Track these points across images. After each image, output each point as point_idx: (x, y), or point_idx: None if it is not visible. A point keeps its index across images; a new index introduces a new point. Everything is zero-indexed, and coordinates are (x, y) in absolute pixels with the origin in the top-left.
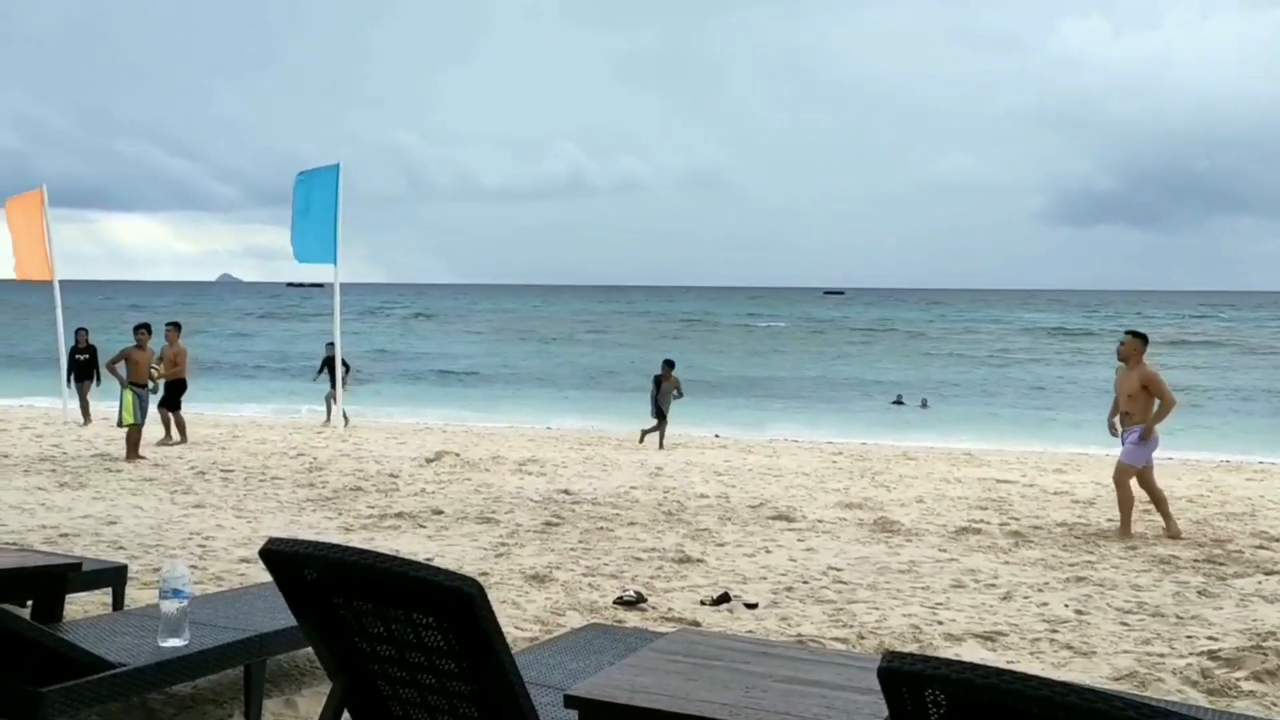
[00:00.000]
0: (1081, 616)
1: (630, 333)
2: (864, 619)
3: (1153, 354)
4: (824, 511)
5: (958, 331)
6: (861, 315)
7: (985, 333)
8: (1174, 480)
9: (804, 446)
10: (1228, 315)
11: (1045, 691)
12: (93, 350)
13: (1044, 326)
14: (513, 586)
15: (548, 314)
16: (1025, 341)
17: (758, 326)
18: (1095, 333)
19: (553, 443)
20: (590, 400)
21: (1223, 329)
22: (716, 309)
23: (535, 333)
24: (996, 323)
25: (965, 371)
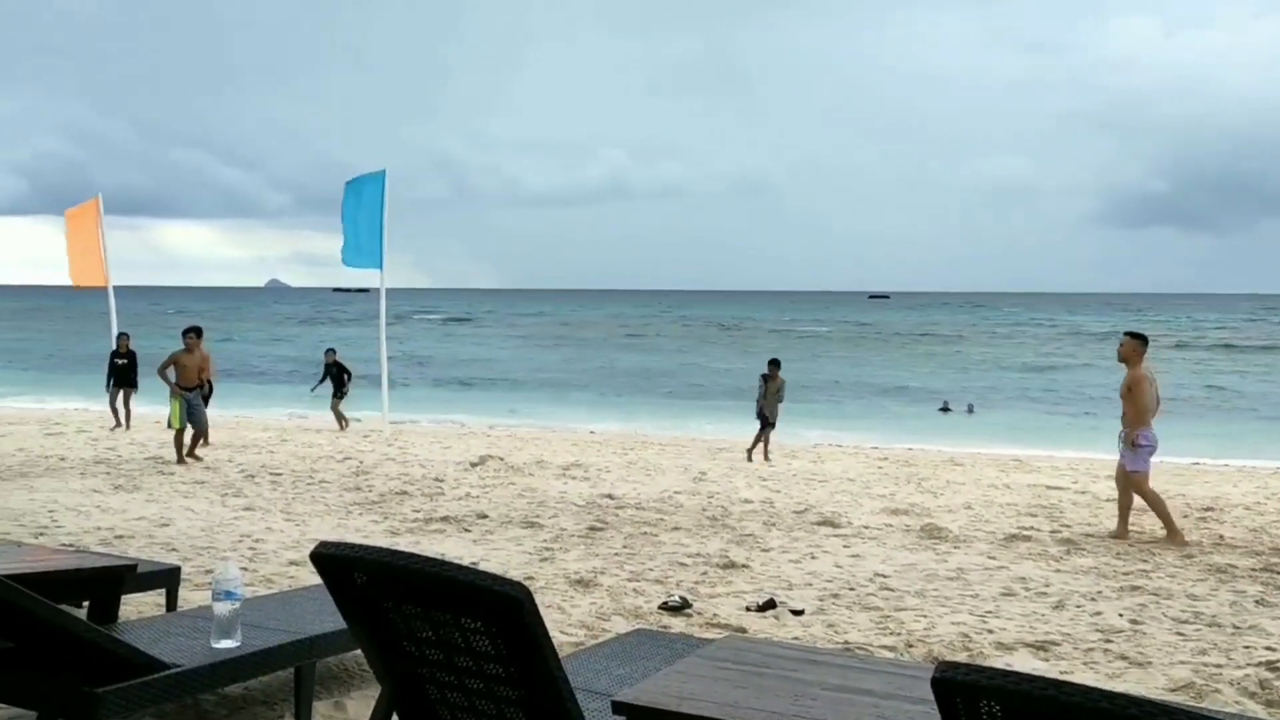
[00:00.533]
0: (1136, 626)
1: (670, 337)
2: (912, 627)
3: (1206, 360)
4: (870, 517)
5: (1004, 336)
6: (906, 320)
7: (1033, 337)
8: (1230, 487)
9: (849, 452)
10: None
11: (1105, 704)
12: (132, 356)
13: (1093, 331)
14: (557, 591)
15: (589, 318)
16: (1073, 346)
17: (800, 331)
18: None
19: (596, 447)
20: (632, 404)
21: (1276, 332)
22: (757, 313)
23: (577, 337)
24: (1044, 327)
25: (1012, 377)
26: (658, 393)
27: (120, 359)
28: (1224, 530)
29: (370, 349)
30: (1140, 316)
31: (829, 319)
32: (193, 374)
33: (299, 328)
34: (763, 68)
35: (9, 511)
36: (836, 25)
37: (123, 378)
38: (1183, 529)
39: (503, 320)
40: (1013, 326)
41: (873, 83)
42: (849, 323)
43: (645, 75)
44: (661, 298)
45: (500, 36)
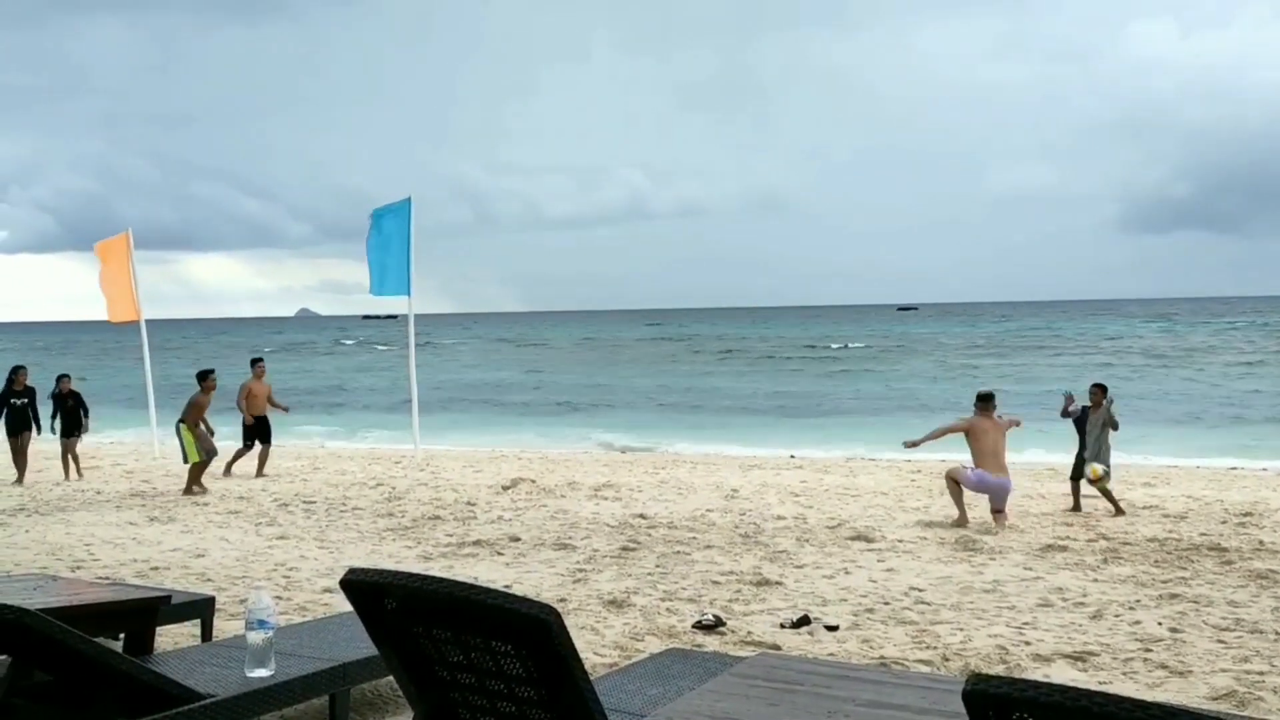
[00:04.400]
0: (1176, 635)
1: (695, 356)
2: (948, 640)
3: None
4: (904, 531)
5: (1033, 344)
6: (933, 330)
7: (1062, 345)
8: (1269, 492)
9: (881, 465)
10: None
11: (1140, 714)
12: (31, 393)
13: (1125, 337)
14: (591, 612)
15: (614, 337)
16: (1105, 353)
17: (831, 347)
18: (1172, 345)
19: (627, 467)
20: (661, 423)
21: None
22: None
23: (602, 357)
24: (1072, 335)
25: (1044, 385)
26: (685, 411)
27: (18, 398)
28: (1264, 535)
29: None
30: (1166, 321)
31: (860, 333)
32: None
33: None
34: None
35: (47, 545)
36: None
37: (19, 422)
38: (1217, 533)
39: (530, 342)
40: (1042, 335)
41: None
42: (882, 335)
43: (661, 94)
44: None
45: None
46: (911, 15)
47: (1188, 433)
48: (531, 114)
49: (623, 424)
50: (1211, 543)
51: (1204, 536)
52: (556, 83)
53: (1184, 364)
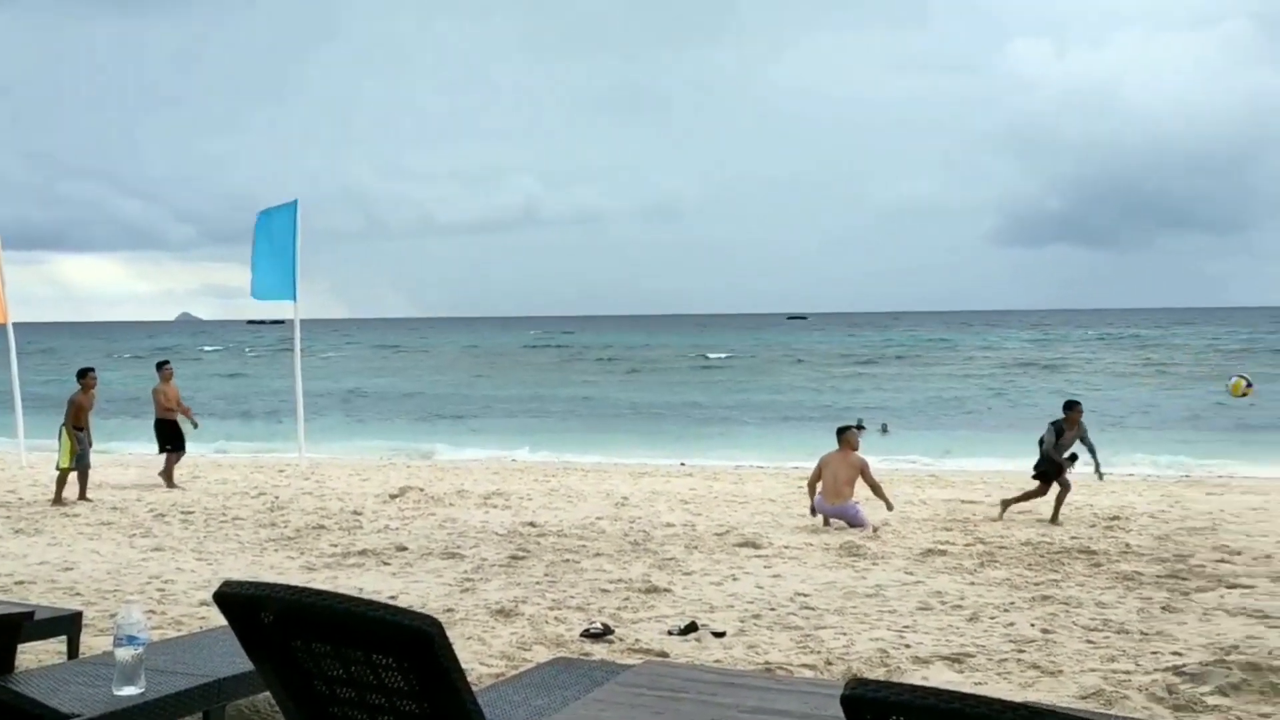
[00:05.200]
0: (1047, 635)
1: (581, 365)
2: (831, 645)
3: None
4: (790, 537)
5: (918, 354)
6: (824, 340)
7: (945, 355)
8: (1135, 496)
9: (770, 472)
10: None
11: (1009, 715)
12: None
13: (1002, 348)
14: (478, 622)
15: (505, 345)
16: (984, 363)
17: (712, 356)
18: (1050, 356)
19: (517, 475)
20: (554, 432)
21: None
22: (678, 339)
23: (494, 364)
24: (954, 345)
25: (926, 394)
26: (579, 419)
27: None
28: (1130, 538)
29: (287, 380)
30: (1045, 332)
31: (746, 342)
32: (85, 415)
33: (227, 361)
34: (676, 92)
35: None
36: (750, 51)
37: None
38: (1087, 537)
39: (421, 349)
40: (926, 345)
41: (785, 107)
42: (770, 345)
43: (558, 101)
44: (588, 323)
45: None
46: (804, 30)
47: None
48: (426, 119)
49: (514, 432)
50: (1081, 546)
51: (1074, 540)
52: (452, 88)
53: (1054, 373)
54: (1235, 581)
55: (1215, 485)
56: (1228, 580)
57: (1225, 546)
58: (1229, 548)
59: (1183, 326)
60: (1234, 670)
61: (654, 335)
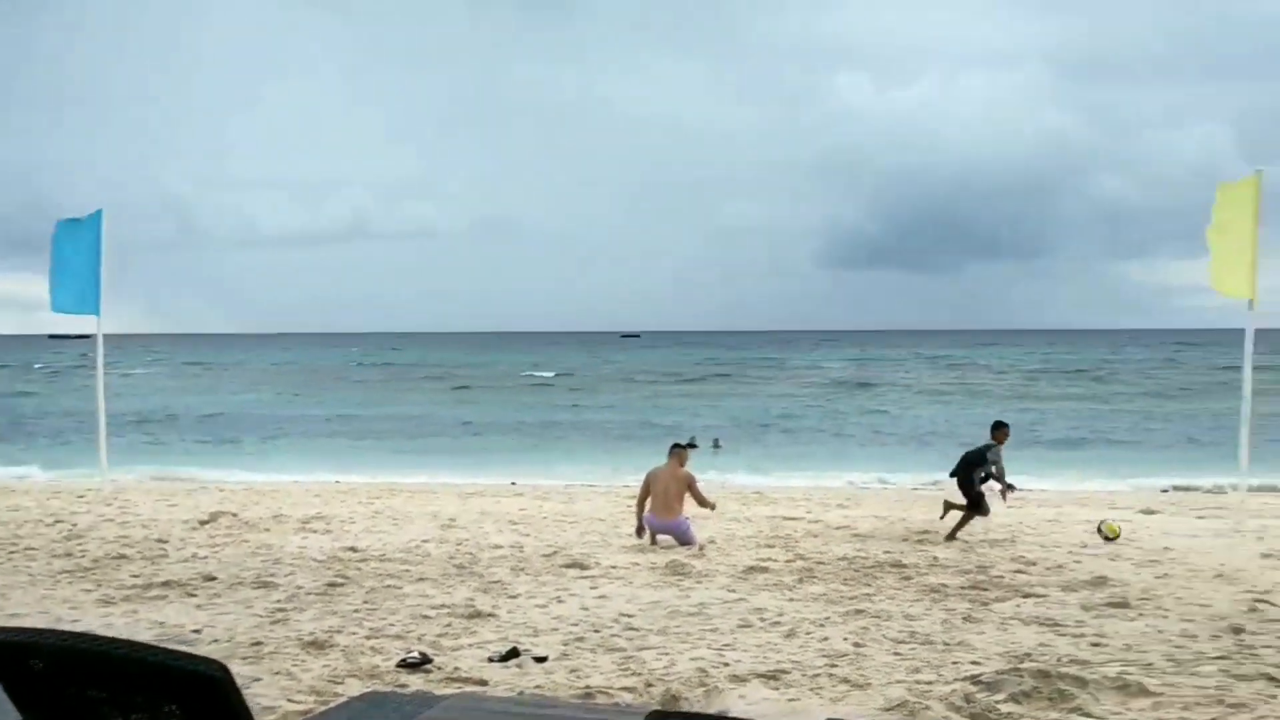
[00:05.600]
0: (859, 649)
1: (413, 380)
2: (653, 666)
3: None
4: (618, 557)
5: (747, 372)
6: (658, 358)
7: (771, 373)
8: None
9: (600, 491)
10: (992, 353)
11: None
12: None
13: (824, 367)
14: (288, 655)
15: (329, 362)
16: (808, 381)
17: (540, 374)
18: (868, 375)
19: (340, 497)
20: (379, 452)
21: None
22: (508, 356)
23: (315, 381)
24: (781, 364)
25: (753, 411)
26: (405, 439)
27: None
28: (938, 552)
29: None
30: (866, 351)
31: (582, 361)
32: None
33: (12, 380)
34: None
35: None
36: (587, 71)
37: None
38: (899, 551)
39: (241, 366)
40: (757, 363)
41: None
42: (603, 363)
43: (389, 114)
44: (409, 340)
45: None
46: (644, 53)
47: (878, 454)
48: (251, 128)
49: (337, 452)
50: (894, 560)
51: (887, 554)
52: (278, 97)
53: (871, 392)
54: (1030, 591)
55: (1014, 499)
56: (1024, 590)
57: (1022, 558)
58: (1026, 559)
59: (988, 348)
60: (1026, 678)
61: (484, 353)
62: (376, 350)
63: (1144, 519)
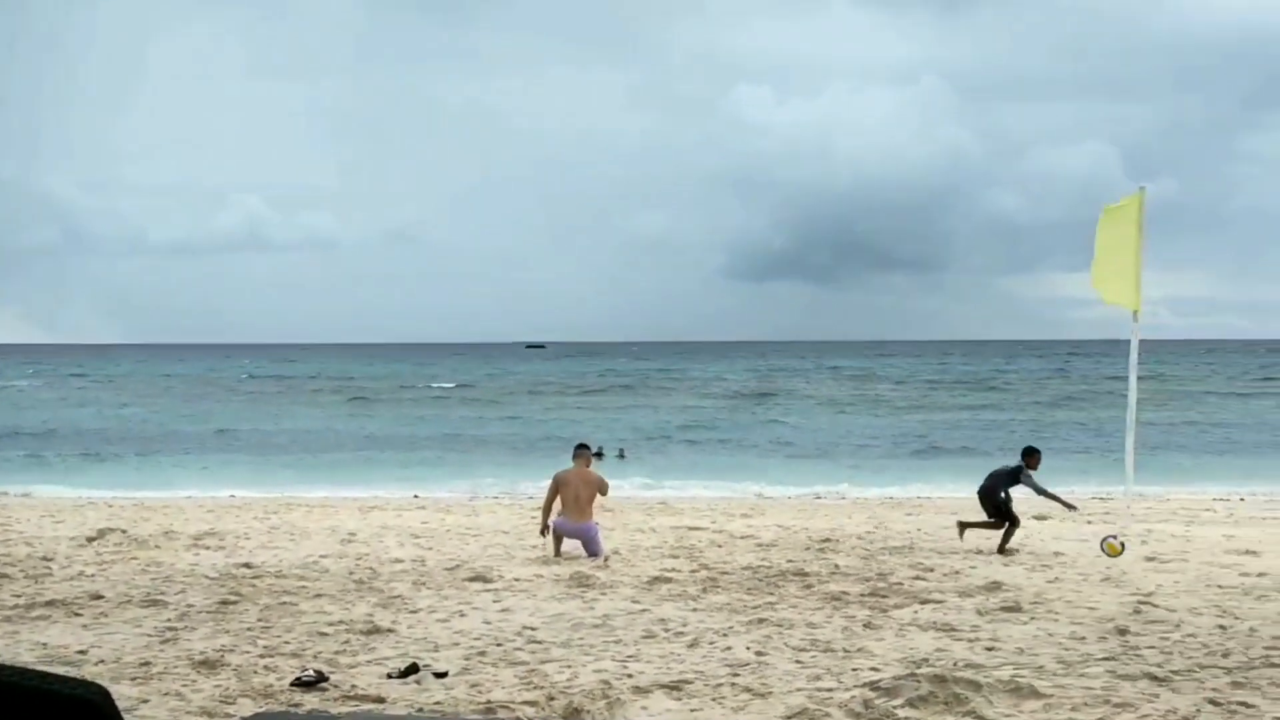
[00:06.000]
0: (761, 658)
1: (304, 392)
2: (555, 679)
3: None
4: (521, 569)
5: (652, 382)
6: (561, 369)
7: (675, 384)
8: (845, 519)
9: (504, 504)
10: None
11: None
12: None
13: (728, 378)
14: (178, 675)
15: (224, 373)
16: (715, 391)
17: (442, 387)
18: (777, 385)
19: (235, 512)
20: (276, 466)
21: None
22: (404, 367)
23: (207, 393)
24: (684, 374)
25: (658, 421)
26: (304, 452)
27: None
28: (839, 560)
29: None
30: (763, 362)
31: (485, 371)
32: None
33: None
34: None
35: None
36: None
37: None
38: (801, 559)
39: (129, 377)
40: (662, 373)
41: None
42: (507, 374)
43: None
44: (308, 352)
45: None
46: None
47: (779, 464)
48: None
49: (229, 466)
50: (796, 568)
51: (790, 563)
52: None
53: (772, 402)
54: (928, 597)
55: (913, 506)
56: (922, 596)
57: (921, 564)
58: (924, 565)
59: (887, 358)
60: (923, 683)
61: (383, 364)
62: (270, 361)
63: (1036, 525)
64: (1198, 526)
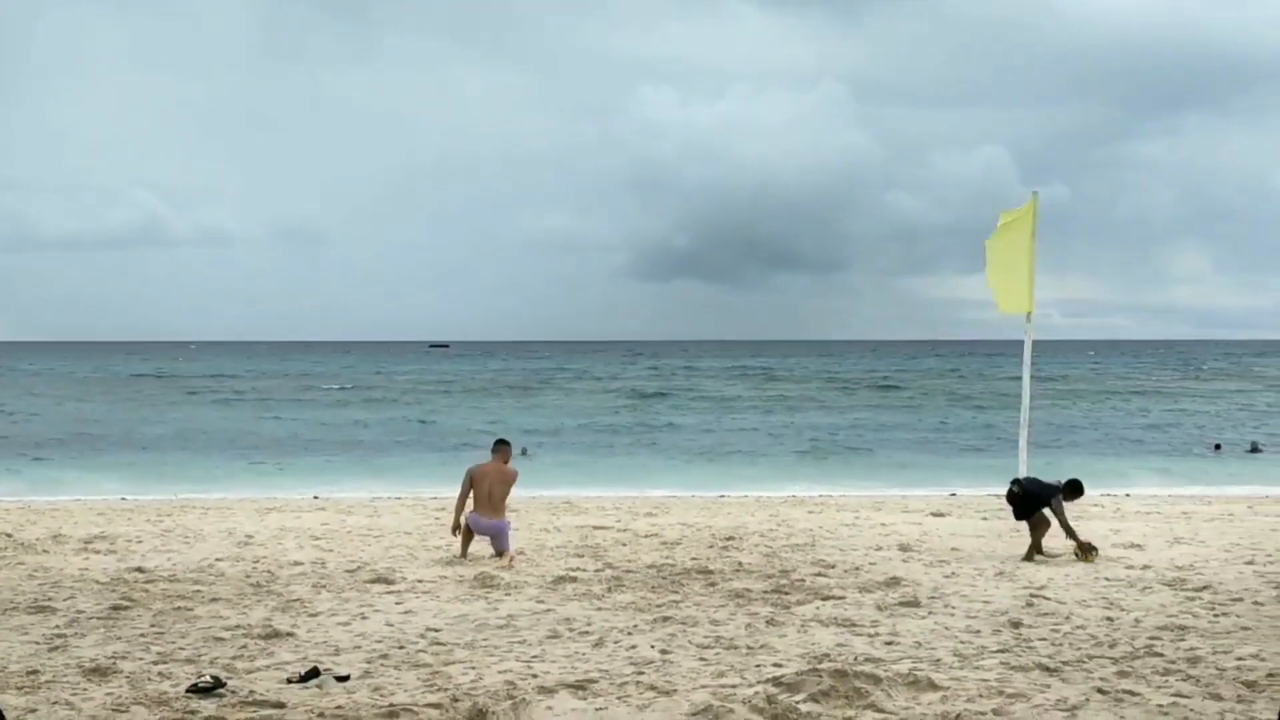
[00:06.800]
0: (666, 656)
1: (209, 391)
2: (459, 680)
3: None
4: (425, 571)
5: (558, 382)
6: (466, 367)
7: (579, 384)
8: (749, 517)
9: (407, 504)
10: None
11: None
12: None
13: (631, 376)
14: (67, 684)
15: (117, 372)
16: (618, 389)
17: (331, 387)
18: (679, 384)
19: (126, 515)
20: (168, 466)
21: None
22: (312, 365)
23: (89, 392)
24: (588, 373)
25: (560, 420)
26: (195, 453)
27: None
28: (742, 557)
29: None
30: (667, 362)
31: (383, 368)
32: None
33: None
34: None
35: None
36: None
37: None
38: (705, 557)
39: (9, 374)
40: (567, 373)
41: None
42: (403, 374)
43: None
44: (204, 350)
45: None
46: (446, 60)
47: (679, 463)
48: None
49: (121, 468)
50: (700, 566)
51: (694, 561)
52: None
53: (673, 402)
54: (829, 593)
55: (815, 505)
56: (823, 593)
57: (822, 561)
58: (825, 562)
59: (790, 358)
60: (824, 678)
61: (279, 362)
62: (163, 359)
63: (934, 521)
64: (1085, 522)
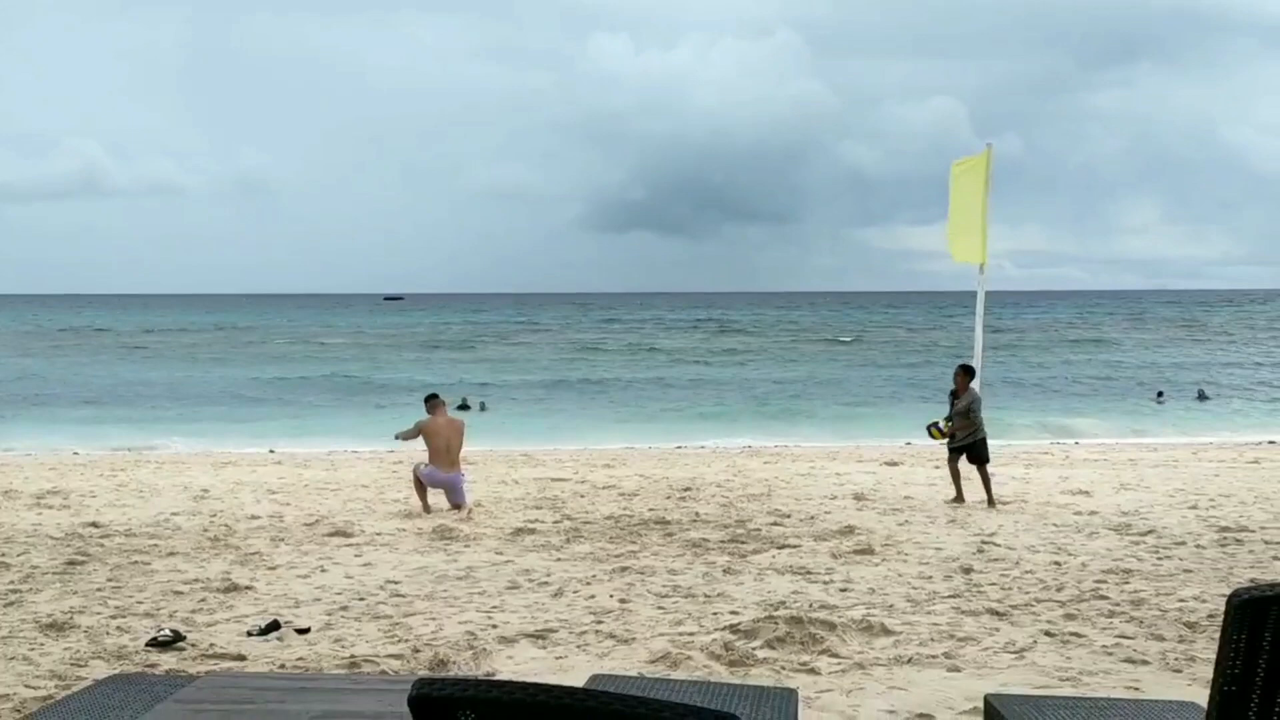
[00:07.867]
0: (624, 605)
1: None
2: (420, 631)
3: None
4: (383, 523)
5: (514, 336)
6: (421, 320)
7: (534, 336)
8: (705, 468)
9: (364, 457)
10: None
11: (567, 700)
12: None
13: (592, 328)
14: (25, 639)
15: (65, 324)
16: (579, 344)
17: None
18: (641, 339)
19: (79, 470)
20: (122, 421)
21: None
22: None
23: (51, 347)
24: (538, 325)
25: (516, 373)
26: (149, 406)
27: None
28: (699, 508)
29: None
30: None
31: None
32: None
33: None
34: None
35: None
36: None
37: None
38: (663, 508)
39: None
40: (522, 325)
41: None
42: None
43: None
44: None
45: None
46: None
47: (635, 413)
48: None
49: (73, 421)
50: (658, 517)
51: (652, 512)
52: None
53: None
54: (785, 542)
55: (771, 455)
56: (779, 542)
57: (778, 510)
58: (780, 511)
59: (745, 309)
60: (780, 624)
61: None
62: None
63: (888, 470)
64: (1036, 469)
